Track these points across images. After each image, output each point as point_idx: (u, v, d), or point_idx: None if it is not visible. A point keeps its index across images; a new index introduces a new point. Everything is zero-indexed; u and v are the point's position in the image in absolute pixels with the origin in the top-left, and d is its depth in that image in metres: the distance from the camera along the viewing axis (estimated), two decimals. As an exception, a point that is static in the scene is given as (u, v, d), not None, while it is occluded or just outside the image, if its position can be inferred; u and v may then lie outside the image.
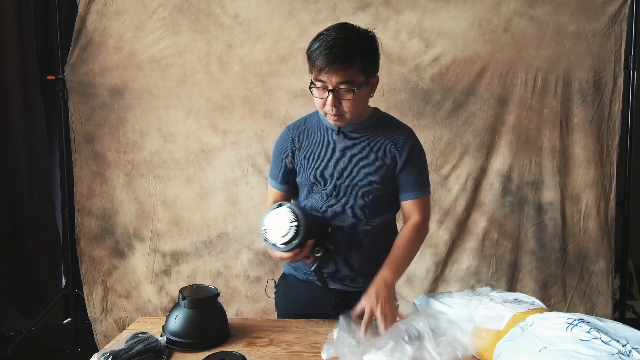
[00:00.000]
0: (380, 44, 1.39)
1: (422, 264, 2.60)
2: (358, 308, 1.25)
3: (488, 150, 2.55)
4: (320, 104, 1.35)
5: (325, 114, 1.37)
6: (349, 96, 1.31)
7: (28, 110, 2.98)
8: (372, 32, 1.37)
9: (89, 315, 2.78)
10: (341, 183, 1.42)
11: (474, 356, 1.14)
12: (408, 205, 1.45)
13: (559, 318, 1.02)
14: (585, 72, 2.49)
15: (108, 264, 2.76)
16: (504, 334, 1.09)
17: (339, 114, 1.34)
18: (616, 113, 2.50)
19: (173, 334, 1.25)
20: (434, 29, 2.51)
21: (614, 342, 0.91)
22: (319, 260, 1.28)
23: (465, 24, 2.50)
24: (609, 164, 2.53)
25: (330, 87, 1.30)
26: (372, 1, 2.53)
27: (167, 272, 2.73)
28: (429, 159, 2.51)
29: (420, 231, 1.44)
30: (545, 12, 2.48)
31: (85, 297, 2.77)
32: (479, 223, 2.58)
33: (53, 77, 2.74)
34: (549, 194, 2.55)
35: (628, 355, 0.89)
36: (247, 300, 2.68)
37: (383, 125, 1.47)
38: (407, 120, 2.51)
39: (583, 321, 0.99)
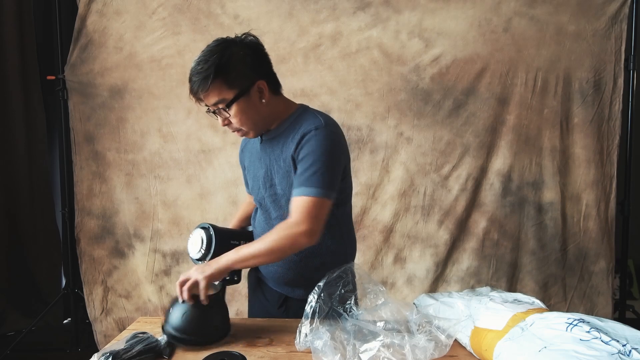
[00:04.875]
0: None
1: (422, 264, 2.60)
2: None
3: (488, 150, 2.55)
4: (220, 123, 1.37)
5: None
6: (229, 114, 1.31)
7: (28, 110, 2.98)
8: (249, 38, 1.32)
9: (89, 315, 2.78)
10: (266, 193, 1.41)
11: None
12: (292, 203, 1.29)
13: (559, 318, 1.02)
14: (586, 72, 2.49)
15: (108, 264, 2.76)
16: (504, 334, 1.09)
17: (238, 129, 1.35)
18: (616, 113, 2.51)
19: (177, 329, 1.24)
20: (434, 29, 2.51)
21: (614, 342, 0.91)
22: (222, 282, 1.34)
23: (465, 24, 2.50)
24: (609, 164, 2.53)
25: (212, 110, 1.33)
26: (372, 1, 2.53)
27: (167, 272, 2.73)
28: (428, 159, 2.56)
29: (288, 231, 1.25)
30: (545, 12, 2.48)
31: (85, 297, 2.77)
32: (479, 223, 2.58)
33: (53, 77, 2.75)
34: (549, 194, 2.55)
35: (628, 355, 0.89)
36: (247, 300, 2.67)
37: (296, 126, 1.34)
38: (407, 120, 2.55)
39: (583, 321, 0.99)
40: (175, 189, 2.69)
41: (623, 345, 0.90)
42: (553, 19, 2.48)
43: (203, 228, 1.43)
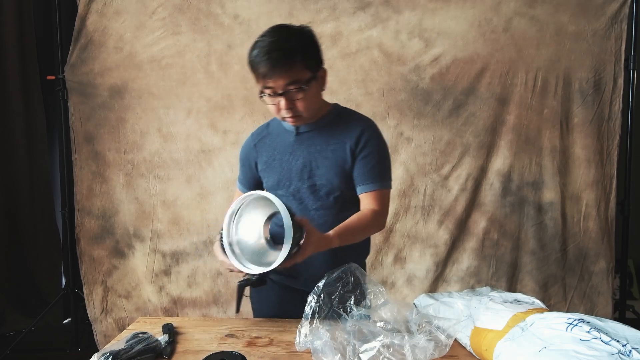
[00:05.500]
0: (317, 36, 1.36)
1: (422, 264, 2.60)
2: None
3: (488, 150, 2.55)
4: (275, 109, 1.35)
5: (283, 118, 1.37)
6: (300, 95, 1.30)
7: (28, 110, 2.98)
8: (308, 27, 1.35)
9: (89, 315, 2.78)
10: (302, 185, 1.41)
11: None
12: (364, 199, 1.39)
13: (559, 318, 1.02)
14: (586, 72, 2.49)
15: (108, 264, 2.76)
16: (504, 334, 1.08)
17: (295, 114, 1.34)
18: (616, 113, 2.51)
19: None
20: (434, 29, 2.51)
21: (614, 342, 0.91)
22: (248, 282, 1.31)
23: (465, 24, 2.50)
24: (609, 164, 2.53)
25: (279, 91, 1.29)
26: (372, 1, 2.53)
27: (167, 272, 2.73)
28: (428, 159, 2.56)
29: (376, 219, 1.37)
30: (545, 12, 2.48)
31: (85, 297, 2.77)
32: (479, 223, 2.58)
33: (53, 77, 2.75)
34: (549, 194, 2.55)
35: (628, 355, 0.89)
36: (247, 300, 2.66)
37: (341, 121, 1.43)
38: (407, 120, 2.55)
39: (583, 321, 0.98)
40: (175, 189, 2.69)
41: (623, 346, 0.90)
42: (553, 19, 2.48)
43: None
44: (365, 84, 2.54)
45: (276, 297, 1.49)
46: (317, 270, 1.32)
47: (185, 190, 2.68)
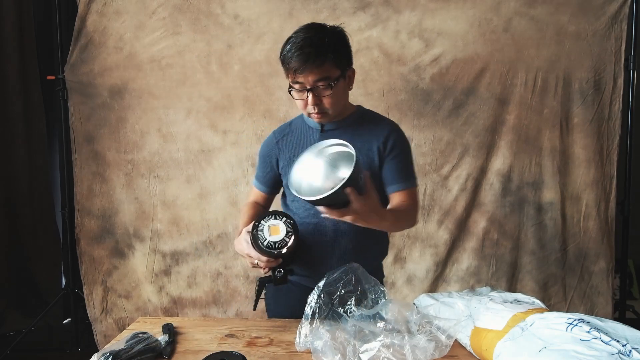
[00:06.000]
0: (349, 37, 1.37)
1: (422, 264, 2.60)
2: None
3: (488, 150, 2.55)
4: (302, 105, 1.36)
5: (309, 114, 1.38)
6: (328, 92, 1.31)
7: (28, 110, 2.98)
8: (340, 27, 1.37)
9: (89, 315, 2.79)
10: None
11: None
12: (396, 197, 1.42)
13: (559, 318, 1.02)
14: (585, 72, 2.49)
15: (108, 264, 2.76)
16: (504, 334, 1.08)
17: (322, 111, 1.35)
18: (616, 113, 2.51)
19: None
20: (434, 29, 2.52)
21: (614, 342, 0.91)
22: (271, 280, 1.31)
23: (465, 24, 2.50)
24: (609, 164, 2.53)
25: (308, 87, 1.30)
26: (372, 1, 2.53)
27: (167, 272, 2.73)
28: (428, 159, 2.56)
29: (413, 213, 1.42)
30: (545, 12, 2.48)
31: (85, 297, 2.77)
32: (479, 223, 2.58)
33: (53, 77, 2.74)
34: (549, 194, 2.55)
35: (628, 355, 0.89)
36: (247, 300, 2.68)
37: (366, 122, 1.46)
38: (407, 120, 2.55)
39: (583, 321, 0.98)
40: (175, 189, 2.69)
41: (623, 346, 0.90)
42: (553, 19, 2.48)
43: (279, 218, 1.29)
44: (365, 84, 2.54)
45: (294, 297, 1.48)
46: (335, 267, 1.33)
47: (185, 190, 2.68)
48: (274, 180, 1.54)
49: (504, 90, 2.52)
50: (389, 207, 1.39)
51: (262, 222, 1.28)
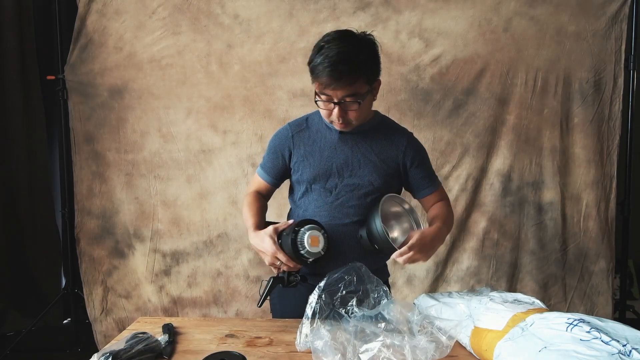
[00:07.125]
0: (379, 46, 1.38)
1: (422, 264, 2.60)
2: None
3: (488, 150, 2.55)
4: (326, 114, 1.37)
5: (331, 121, 1.39)
6: (355, 107, 1.32)
7: (28, 110, 2.97)
8: (371, 35, 1.37)
9: (89, 315, 2.78)
10: (342, 182, 1.44)
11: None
12: (431, 199, 1.53)
13: (559, 318, 1.02)
14: (585, 72, 2.49)
15: (108, 264, 2.76)
16: (504, 334, 1.08)
17: (346, 122, 1.36)
18: (616, 113, 2.51)
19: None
20: (434, 29, 2.51)
21: (614, 342, 0.91)
22: (283, 281, 1.34)
23: (465, 24, 2.50)
24: (609, 164, 2.53)
25: (335, 100, 1.31)
26: (372, 1, 2.53)
27: (167, 272, 2.73)
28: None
29: (448, 208, 1.52)
30: (545, 12, 2.48)
31: (85, 297, 2.77)
32: (479, 223, 2.58)
33: (53, 77, 2.74)
34: (549, 194, 2.55)
35: (628, 355, 0.89)
36: (247, 300, 2.68)
37: (384, 128, 1.50)
38: (407, 120, 2.54)
39: (583, 321, 0.99)
40: (175, 189, 2.69)
41: (623, 346, 0.90)
42: (553, 19, 2.48)
43: (320, 230, 1.35)
44: (365, 84, 2.53)
45: (302, 298, 1.48)
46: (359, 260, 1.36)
47: (185, 190, 2.68)
48: (281, 172, 1.52)
49: (504, 90, 2.52)
50: (429, 215, 1.50)
51: (302, 229, 1.30)
